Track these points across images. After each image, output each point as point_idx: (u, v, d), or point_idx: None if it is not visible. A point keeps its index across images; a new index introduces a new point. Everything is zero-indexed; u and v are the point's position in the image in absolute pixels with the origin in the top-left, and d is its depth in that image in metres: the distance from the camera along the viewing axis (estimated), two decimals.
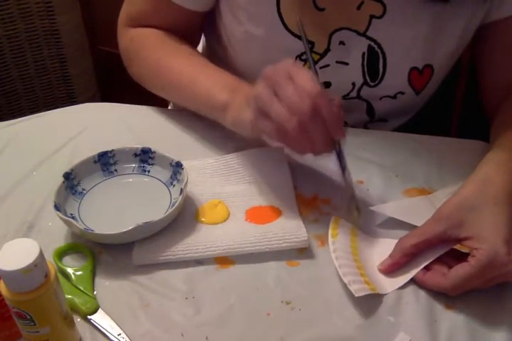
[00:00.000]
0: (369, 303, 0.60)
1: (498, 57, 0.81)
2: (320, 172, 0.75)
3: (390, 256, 0.63)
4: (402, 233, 0.65)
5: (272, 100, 0.61)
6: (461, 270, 0.59)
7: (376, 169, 0.77)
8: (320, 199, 0.72)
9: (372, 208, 0.69)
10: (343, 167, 0.68)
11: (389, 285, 0.62)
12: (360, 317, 0.59)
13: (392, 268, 0.63)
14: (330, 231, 0.66)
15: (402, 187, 0.74)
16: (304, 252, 0.66)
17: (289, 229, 0.66)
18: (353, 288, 0.59)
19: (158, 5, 0.83)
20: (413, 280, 0.62)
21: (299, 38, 0.79)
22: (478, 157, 0.77)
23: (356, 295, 0.58)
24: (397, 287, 0.62)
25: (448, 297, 0.61)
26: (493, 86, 0.83)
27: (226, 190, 0.72)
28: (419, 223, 0.66)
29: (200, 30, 0.93)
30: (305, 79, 0.60)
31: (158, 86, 0.84)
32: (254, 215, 0.69)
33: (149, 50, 0.85)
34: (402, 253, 0.62)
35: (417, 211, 0.69)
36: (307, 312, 0.60)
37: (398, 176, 0.76)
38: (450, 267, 0.61)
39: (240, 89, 0.72)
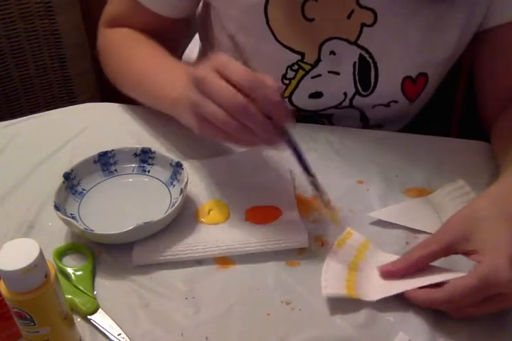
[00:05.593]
0: (369, 303, 0.60)
1: (498, 65, 0.79)
2: (320, 173, 0.75)
3: (393, 262, 0.61)
4: None
5: (204, 103, 0.59)
6: (459, 282, 0.55)
7: (376, 169, 0.77)
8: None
9: (370, 214, 0.69)
10: (298, 156, 0.63)
11: (377, 292, 0.60)
12: (360, 317, 0.59)
13: (389, 274, 0.60)
14: (336, 242, 0.65)
15: (402, 187, 0.74)
16: (304, 252, 0.66)
17: (289, 229, 0.66)
18: (324, 284, 0.59)
19: (131, 7, 0.82)
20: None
21: (290, 48, 0.78)
22: (479, 157, 0.77)
23: (324, 292, 0.59)
24: (384, 296, 0.59)
25: None
26: (493, 95, 0.81)
27: (226, 190, 0.72)
28: (420, 227, 0.67)
29: (181, 36, 0.90)
30: (233, 71, 0.57)
31: (122, 83, 0.84)
32: (254, 215, 0.69)
33: (114, 47, 0.84)
34: (406, 263, 0.60)
35: (418, 214, 0.69)
36: (307, 312, 0.60)
37: (398, 176, 0.76)
38: None
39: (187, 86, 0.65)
